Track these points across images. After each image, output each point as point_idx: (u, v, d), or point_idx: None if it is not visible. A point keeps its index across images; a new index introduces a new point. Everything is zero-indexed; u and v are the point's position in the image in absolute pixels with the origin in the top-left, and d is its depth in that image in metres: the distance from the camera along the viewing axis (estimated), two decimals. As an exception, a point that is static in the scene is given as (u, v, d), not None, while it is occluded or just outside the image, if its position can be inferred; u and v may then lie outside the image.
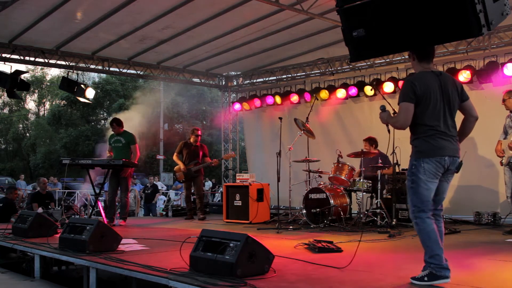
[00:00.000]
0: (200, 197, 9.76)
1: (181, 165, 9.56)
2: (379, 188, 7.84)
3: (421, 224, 3.68)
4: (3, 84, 9.65)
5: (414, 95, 3.69)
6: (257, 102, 12.07)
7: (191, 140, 9.71)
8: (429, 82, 3.74)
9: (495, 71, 8.46)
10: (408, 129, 3.84)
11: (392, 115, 3.97)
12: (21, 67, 11.23)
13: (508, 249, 5.63)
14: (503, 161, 6.69)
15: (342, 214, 7.92)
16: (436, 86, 3.75)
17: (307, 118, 8.81)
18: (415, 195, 3.74)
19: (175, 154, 9.80)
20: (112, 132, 8.94)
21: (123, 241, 5.51)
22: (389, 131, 4.94)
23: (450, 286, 3.58)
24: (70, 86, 10.55)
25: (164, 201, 17.15)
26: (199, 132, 9.83)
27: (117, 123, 8.83)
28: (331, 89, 10.73)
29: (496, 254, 5.30)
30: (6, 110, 41.84)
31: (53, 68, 22.24)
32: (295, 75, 11.85)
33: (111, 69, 11.53)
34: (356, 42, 3.73)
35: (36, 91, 41.04)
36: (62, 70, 11.78)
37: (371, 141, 8.58)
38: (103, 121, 36.56)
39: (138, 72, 11.82)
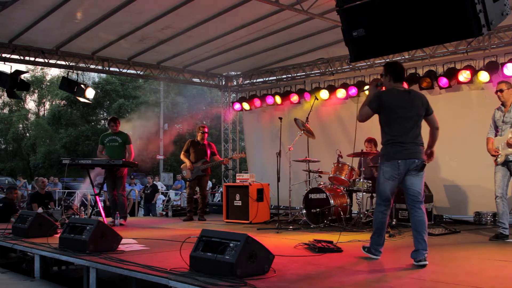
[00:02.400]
0: (204, 197, 9.73)
1: (187, 162, 9.47)
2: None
3: (375, 214, 4.77)
4: (3, 84, 9.64)
5: (378, 106, 4.59)
6: (257, 102, 12.06)
7: (198, 138, 9.65)
8: (395, 98, 4.57)
9: (495, 71, 8.46)
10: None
11: (367, 99, 4.76)
12: (21, 67, 11.23)
13: (508, 249, 5.63)
14: (498, 159, 6.27)
15: (342, 214, 7.92)
16: (401, 103, 4.54)
17: (307, 118, 8.81)
18: (377, 190, 4.75)
19: (182, 152, 9.71)
20: (106, 132, 8.95)
21: (123, 241, 5.51)
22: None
23: (450, 286, 3.58)
24: (70, 86, 10.54)
25: (163, 200, 17.15)
26: (206, 129, 9.75)
27: (115, 122, 8.85)
28: (331, 89, 10.72)
29: (496, 254, 5.30)
30: (6, 110, 41.80)
31: (53, 68, 22.24)
32: (295, 75, 11.84)
33: (111, 69, 11.51)
34: (356, 42, 3.73)
35: (36, 91, 41.02)
36: (62, 70, 11.78)
37: (375, 142, 8.61)
38: (103, 121, 36.55)
39: (138, 72, 11.81)
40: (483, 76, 8.46)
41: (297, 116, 9.19)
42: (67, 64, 10.74)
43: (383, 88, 4.82)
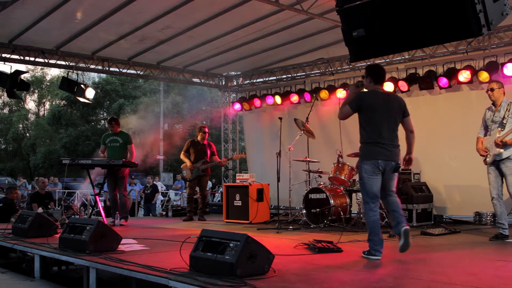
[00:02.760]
0: (204, 197, 9.73)
1: (187, 162, 9.48)
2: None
3: (366, 215, 4.86)
4: (3, 84, 9.64)
5: (357, 105, 4.83)
6: (257, 102, 12.07)
7: (198, 138, 9.65)
8: (375, 99, 4.83)
9: (495, 71, 8.46)
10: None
11: (349, 97, 5.03)
12: (21, 67, 11.23)
13: (508, 249, 5.63)
14: (487, 159, 6.25)
15: (342, 214, 7.92)
16: (381, 104, 4.80)
17: (307, 118, 8.81)
18: (363, 189, 4.88)
19: (182, 152, 9.70)
20: (108, 132, 8.94)
21: (123, 241, 5.51)
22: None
23: (450, 286, 3.58)
24: (70, 86, 10.54)
25: (161, 200, 17.12)
26: (206, 130, 9.76)
27: (116, 122, 8.84)
28: (331, 89, 10.73)
29: (496, 254, 5.30)
30: (6, 110, 41.79)
31: (53, 68, 22.22)
32: (295, 75, 11.84)
33: (111, 69, 11.51)
34: (356, 42, 3.73)
35: (36, 91, 41.01)
36: (62, 70, 11.78)
37: None
38: (103, 121, 36.54)
39: (138, 72, 11.81)
40: (483, 76, 8.46)
41: (297, 116, 9.19)
42: (67, 64, 10.74)
43: (363, 89, 5.07)
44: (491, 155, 6.19)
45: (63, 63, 10.78)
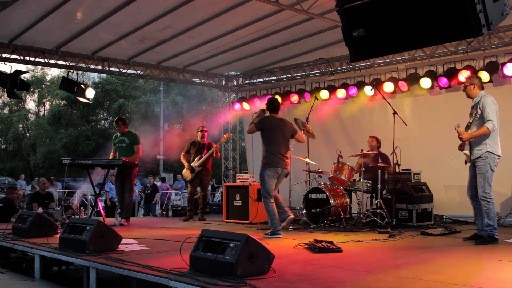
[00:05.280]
0: (204, 196, 9.72)
1: (186, 165, 9.50)
2: (379, 188, 7.84)
3: (266, 206, 6.55)
4: (3, 84, 9.64)
5: (259, 127, 6.71)
6: (257, 102, 12.07)
7: (198, 138, 9.67)
8: (273, 122, 6.74)
9: (495, 71, 8.46)
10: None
11: (255, 120, 6.91)
12: (21, 67, 11.24)
13: (508, 249, 5.63)
14: (466, 159, 6.06)
15: (342, 214, 7.92)
16: (277, 127, 6.70)
17: (307, 118, 8.81)
18: (264, 188, 6.58)
19: (182, 153, 9.70)
20: (116, 133, 8.94)
21: (123, 241, 5.51)
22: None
23: (450, 286, 3.58)
24: (70, 86, 10.54)
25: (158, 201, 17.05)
26: (205, 129, 9.77)
27: (123, 122, 8.83)
28: (331, 89, 10.73)
29: (495, 254, 5.30)
30: (6, 110, 41.76)
31: (53, 68, 22.24)
32: (295, 75, 11.85)
33: (111, 69, 11.52)
34: (356, 42, 3.72)
35: (36, 91, 40.97)
36: (62, 70, 11.79)
37: (377, 138, 8.65)
38: (103, 121, 36.52)
39: (138, 72, 11.82)
40: (483, 76, 8.43)
41: (297, 116, 9.18)
42: (67, 64, 10.75)
43: (267, 112, 6.85)
44: (467, 154, 6.03)
45: (63, 63, 10.79)
